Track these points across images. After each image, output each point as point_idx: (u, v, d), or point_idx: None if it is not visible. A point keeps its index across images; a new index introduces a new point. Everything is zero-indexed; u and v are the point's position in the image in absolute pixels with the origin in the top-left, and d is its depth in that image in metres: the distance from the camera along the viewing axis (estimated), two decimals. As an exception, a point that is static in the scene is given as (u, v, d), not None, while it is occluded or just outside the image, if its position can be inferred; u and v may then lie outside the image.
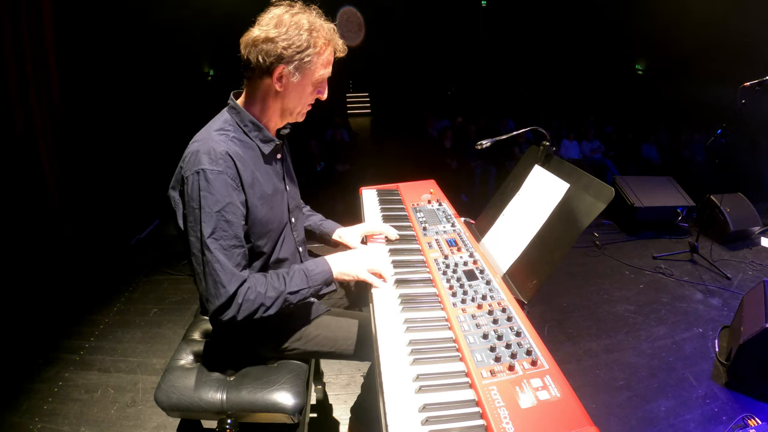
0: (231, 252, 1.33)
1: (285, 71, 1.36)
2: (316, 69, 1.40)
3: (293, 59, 1.34)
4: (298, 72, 1.37)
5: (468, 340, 1.23)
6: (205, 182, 1.29)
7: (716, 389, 2.63)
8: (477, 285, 1.48)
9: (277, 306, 1.39)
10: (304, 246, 1.77)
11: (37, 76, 3.72)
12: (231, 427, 1.47)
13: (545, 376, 1.11)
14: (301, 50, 1.34)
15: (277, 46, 1.32)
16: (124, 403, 2.47)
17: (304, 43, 1.34)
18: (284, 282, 1.42)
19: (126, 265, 3.98)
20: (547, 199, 1.63)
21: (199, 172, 1.29)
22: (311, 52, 1.35)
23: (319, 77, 1.43)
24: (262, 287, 1.37)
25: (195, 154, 1.33)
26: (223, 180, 1.31)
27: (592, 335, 3.12)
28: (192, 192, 1.30)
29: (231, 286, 1.31)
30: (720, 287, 3.75)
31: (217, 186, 1.30)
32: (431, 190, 2.26)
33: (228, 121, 1.45)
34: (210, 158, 1.31)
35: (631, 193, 4.82)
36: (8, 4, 3.41)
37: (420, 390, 1.09)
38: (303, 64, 1.36)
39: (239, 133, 1.44)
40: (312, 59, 1.37)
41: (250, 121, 1.45)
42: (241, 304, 1.33)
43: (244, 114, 1.45)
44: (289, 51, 1.33)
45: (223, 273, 1.30)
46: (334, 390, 2.58)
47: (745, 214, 4.55)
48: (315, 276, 1.48)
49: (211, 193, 1.30)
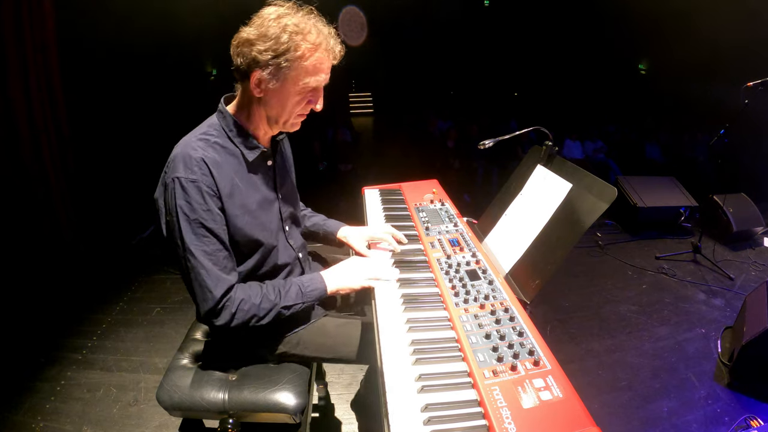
0: (215, 256, 1.31)
1: (262, 76, 1.27)
2: (298, 76, 1.29)
3: (269, 64, 1.25)
4: (275, 78, 1.28)
5: (470, 340, 1.23)
6: (181, 190, 1.27)
7: (718, 390, 2.62)
8: (479, 285, 1.48)
9: (269, 317, 1.39)
10: (304, 251, 1.74)
11: (39, 75, 3.73)
12: (233, 426, 1.47)
13: (547, 376, 1.10)
14: (277, 54, 1.24)
15: (252, 49, 1.24)
16: (126, 402, 2.48)
17: (281, 47, 1.23)
18: (279, 295, 1.41)
19: (128, 264, 3.99)
20: (550, 199, 1.63)
21: (175, 179, 1.27)
22: (290, 56, 1.25)
23: (304, 86, 1.31)
24: (257, 298, 1.37)
25: (173, 160, 1.30)
26: (196, 188, 1.27)
27: (595, 335, 3.11)
28: (170, 199, 1.28)
29: (218, 290, 1.30)
30: (723, 288, 3.73)
31: (192, 194, 1.27)
32: (434, 190, 2.26)
33: (213, 125, 1.40)
34: (185, 165, 1.28)
35: (634, 193, 4.81)
36: (10, 2, 3.41)
37: (422, 390, 1.09)
38: (280, 70, 1.26)
39: (223, 138, 1.38)
40: (292, 65, 1.26)
41: (235, 126, 1.39)
42: (234, 314, 1.32)
43: (230, 119, 1.40)
44: (263, 55, 1.24)
45: (209, 278, 1.29)
46: (336, 390, 2.58)
47: (748, 214, 4.54)
48: (310, 293, 1.46)
49: (188, 201, 1.27)
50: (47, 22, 3.75)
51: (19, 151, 3.67)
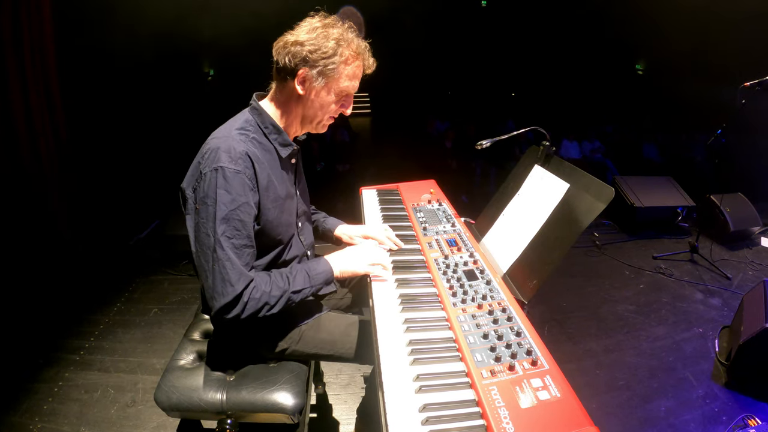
0: (242, 251, 1.34)
1: (308, 74, 1.38)
2: (340, 78, 1.42)
3: (318, 63, 1.37)
4: (322, 77, 1.39)
5: (468, 340, 1.23)
6: (223, 180, 1.30)
7: (716, 389, 2.63)
8: (477, 285, 1.48)
9: (280, 305, 1.40)
10: (312, 250, 1.78)
11: (37, 78, 3.72)
12: (231, 427, 1.47)
13: (545, 376, 1.11)
14: (326, 56, 1.37)
15: (303, 49, 1.36)
16: (124, 403, 2.47)
17: (330, 50, 1.37)
18: (288, 281, 1.43)
19: (126, 265, 3.98)
20: (547, 199, 1.63)
21: (218, 169, 1.31)
22: (337, 60, 1.38)
23: (344, 88, 1.44)
24: (267, 286, 1.38)
25: (215, 151, 1.34)
26: (240, 179, 1.32)
27: (592, 335, 3.12)
28: (208, 189, 1.31)
29: (239, 285, 1.31)
30: (720, 287, 3.74)
31: (234, 185, 1.31)
32: (431, 190, 2.26)
33: (249, 121, 1.47)
34: (230, 157, 1.32)
35: (631, 193, 4.82)
36: (8, 2, 3.41)
37: (420, 390, 1.09)
38: (327, 70, 1.38)
39: (259, 134, 1.46)
40: (337, 67, 1.39)
41: (271, 124, 1.47)
42: (246, 303, 1.33)
43: (266, 116, 1.47)
44: (314, 55, 1.36)
45: (233, 271, 1.31)
46: (334, 390, 2.58)
47: (745, 214, 4.55)
48: (317, 276, 1.49)
49: (228, 191, 1.31)
50: (45, 26, 3.74)
51: (18, 152, 3.66)
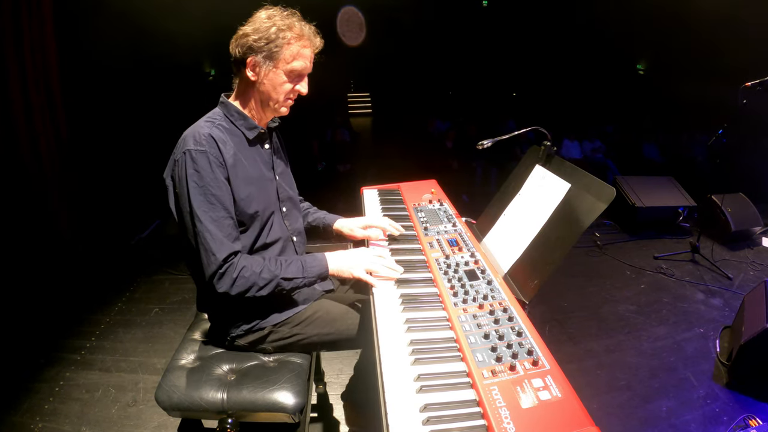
0: (221, 223, 1.43)
1: (256, 60, 1.50)
2: (285, 59, 1.51)
3: (263, 49, 1.48)
4: (269, 61, 1.50)
5: (469, 340, 1.23)
6: (191, 160, 1.42)
7: (717, 389, 2.62)
8: (478, 285, 1.48)
9: (269, 288, 1.49)
10: (300, 237, 1.82)
11: (37, 77, 3.72)
12: (231, 426, 1.47)
13: (546, 376, 1.11)
14: (270, 41, 1.48)
15: (249, 39, 1.48)
16: (125, 403, 2.47)
17: (272, 35, 1.48)
18: (280, 267, 1.51)
19: (127, 264, 3.98)
20: (548, 199, 1.63)
21: (186, 152, 1.43)
22: (280, 42, 1.48)
23: (292, 68, 1.53)
24: (258, 267, 1.47)
25: (184, 138, 1.48)
26: (205, 157, 1.43)
27: (593, 335, 3.12)
28: (180, 171, 1.43)
29: (220, 254, 1.41)
30: (721, 287, 3.74)
31: (201, 163, 1.42)
32: (432, 190, 2.26)
33: (216, 113, 1.60)
34: (195, 140, 1.45)
35: (632, 193, 4.81)
36: (9, 5, 3.41)
37: (421, 390, 1.09)
38: (271, 54, 1.49)
39: (225, 122, 1.58)
40: (281, 49, 1.49)
41: (235, 112, 1.59)
42: (235, 279, 1.42)
43: (231, 106, 1.60)
44: (259, 42, 1.48)
45: (213, 242, 1.41)
46: (334, 389, 2.58)
47: (746, 214, 4.54)
48: (311, 268, 1.56)
49: (197, 170, 1.42)
50: (46, 24, 3.74)
51: (18, 151, 3.66)
